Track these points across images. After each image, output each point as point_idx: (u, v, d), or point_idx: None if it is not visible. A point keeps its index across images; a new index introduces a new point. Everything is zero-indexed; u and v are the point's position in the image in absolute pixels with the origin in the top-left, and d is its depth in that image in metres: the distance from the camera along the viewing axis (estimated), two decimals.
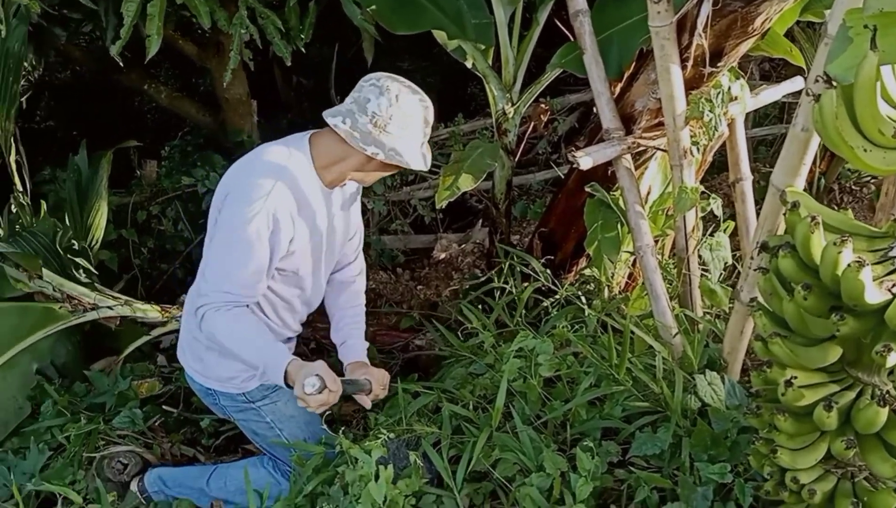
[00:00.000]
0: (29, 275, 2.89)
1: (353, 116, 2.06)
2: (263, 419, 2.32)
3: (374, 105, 2.05)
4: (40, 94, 7.92)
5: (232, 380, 2.27)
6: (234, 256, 2.05)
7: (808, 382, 1.50)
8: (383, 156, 2.07)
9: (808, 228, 1.36)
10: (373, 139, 2.06)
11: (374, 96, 2.05)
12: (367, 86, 2.09)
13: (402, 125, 2.07)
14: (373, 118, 2.05)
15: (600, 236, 2.61)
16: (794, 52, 2.58)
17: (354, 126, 2.05)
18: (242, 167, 2.13)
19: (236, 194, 2.07)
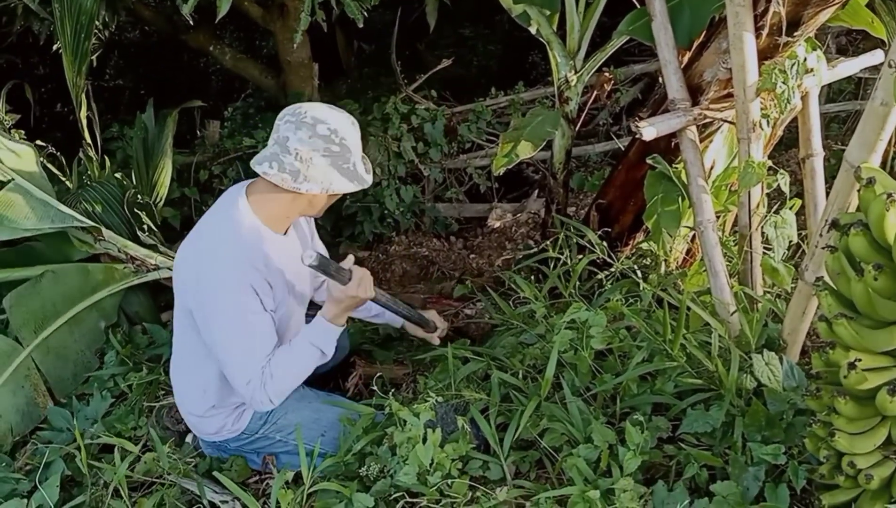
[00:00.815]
0: (94, 237, 2.99)
1: (278, 159, 2.01)
2: (274, 439, 2.34)
3: (294, 141, 2.00)
4: (110, 52, 8.13)
5: (223, 428, 2.31)
6: (242, 345, 2.06)
7: (872, 365, 1.46)
8: (319, 190, 2.04)
9: (883, 205, 1.30)
10: (304, 176, 2.02)
11: (292, 132, 2.00)
12: (283, 124, 2.03)
13: (328, 152, 2.02)
14: (297, 155, 2.00)
15: (660, 210, 2.55)
16: (875, 23, 2.45)
17: (282, 168, 2.00)
18: (200, 255, 2.08)
19: (207, 287, 2.03)
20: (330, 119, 2.03)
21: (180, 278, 2.14)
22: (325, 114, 2.03)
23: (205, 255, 2.07)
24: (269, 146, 2.05)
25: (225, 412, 2.30)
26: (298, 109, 2.03)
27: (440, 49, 7.62)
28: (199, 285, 2.05)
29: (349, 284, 2.10)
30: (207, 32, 5.79)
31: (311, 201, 2.14)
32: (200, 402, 2.28)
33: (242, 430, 2.33)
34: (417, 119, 5.24)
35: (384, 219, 5.06)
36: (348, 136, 2.06)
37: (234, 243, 2.06)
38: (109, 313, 2.97)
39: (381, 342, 3.04)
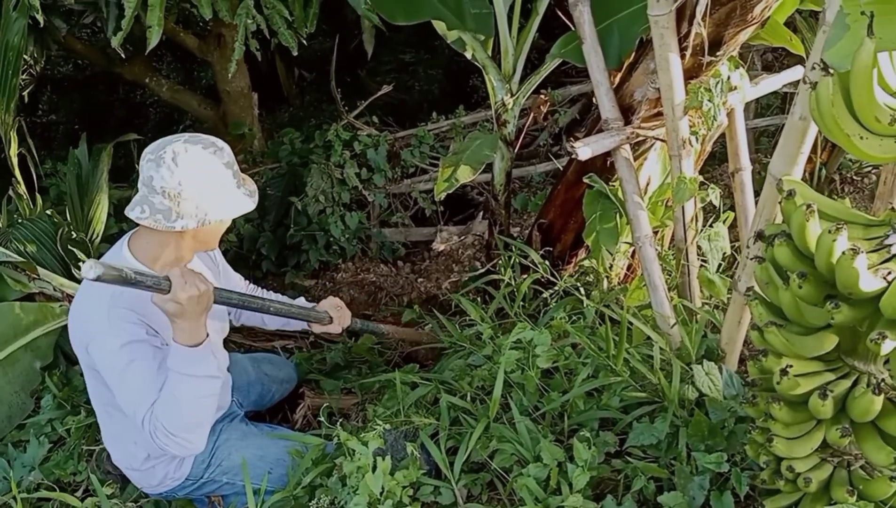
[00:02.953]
0: (28, 275, 2.90)
1: (147, 201, 1.93)
2: (221, 482, 2.28)
3: (158, 180, 1.90)
4: (43, 87, 7.95)
5: (165, 478, 2.24)
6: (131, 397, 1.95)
7: (803, 371, 1.50)
8: (196, 224, 1.95)
9: (803, 216, 1.35)
10: (177, 213, 1.93)
11: (154, 171, 1.90)
12: (145, 163, 1.93)
13: (196, 183, 1.92)
14: (164, 193, 1.91)
15: (599, 228, 2.60)
16: (794, 40, 2.56)
17: (153, 209, 1.92)
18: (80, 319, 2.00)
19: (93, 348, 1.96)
20: (190, 150, 1.93)
21: (76, 344, 2.05)
22: (184, 146, 1.93)
23: (76, 317, 2.01)
24: (139, 189, 1.96)
25: (164, 461, 2.22)
26: (158, 146, 1.94)
27: (381, 75, 7.67)
28: (83, 347, 1.99)
29: (172, 290, 1.82)
30: (143, 64, 5.71)
31: (195, 236, 2.04)
32: (135, 455, 2.21)
33: (186, 476, 2.26)
34: (360, 145, 5.24)
35: (330, 247, 5.02)
36: (211, 164, 1.96)
37: (95, 295, 1.96)
38: (45, 352, 2.86)
39: (329, 371, 3.01)
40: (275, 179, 5.21)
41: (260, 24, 3.54)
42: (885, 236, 1.37)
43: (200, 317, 1.91)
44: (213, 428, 2.30)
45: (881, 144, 1.32)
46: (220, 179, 1.97)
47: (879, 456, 1.48)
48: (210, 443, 2.27)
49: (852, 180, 4.57)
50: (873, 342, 1.29)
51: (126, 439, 2.20)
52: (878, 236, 1.39)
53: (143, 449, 2.19)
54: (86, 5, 3.98)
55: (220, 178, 1.97)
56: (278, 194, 5.07)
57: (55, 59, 7.75)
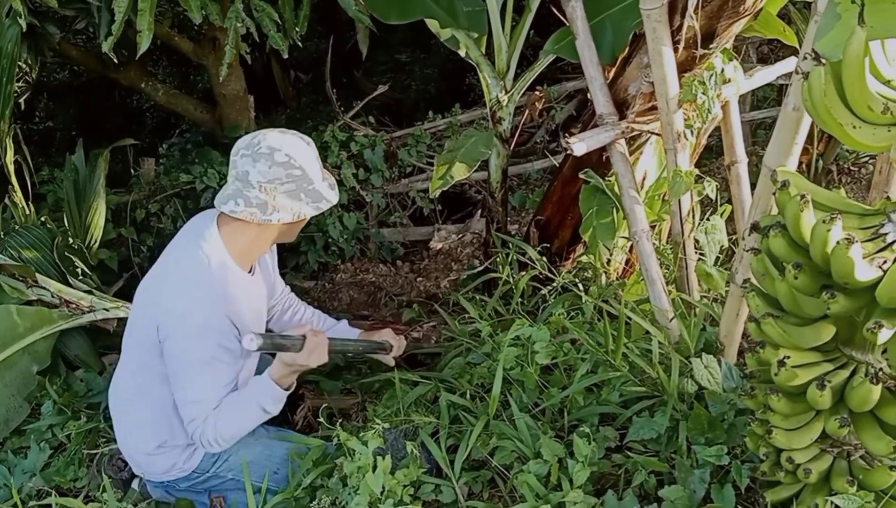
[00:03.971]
0: (26, 282, 2.90)
1: (242, 195, 2.01)
2: (226, 478, 2.29)
3: (255, 174, 1.98)
4: (39, 94, 7.94)
5: (173, 467, 2.26)
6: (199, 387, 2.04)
7: (801, 362, 1.50)
8: (291, 217, 2.04)
9: (797, 206, 1.35)
10: (273, 206, 2.01)
11: (251, 165, 1.99)
12: (239, 159, 2.01)
13: (292, 177, 2.01)
14: (261, 187, 1.99)
15: (595, 223, 2.60)
16: (787, 32, 2.56)
17: (248, 203, 2.00)
18: (171, 290, 2.04)
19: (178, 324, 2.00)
20: (285, 145, 2.01)
21: (147, 307, 2.09)
22: (279, 141, 2.01)
23: (176, 291, 2.04)
24: (229, 183, 2.04)
25: (176, 450, 2.24)
26: (253, 141, 2.02)
27: (377, 75, 7.66)
28: (169, 319, 2.02)
29: (301, 352, 2.04)
30: (138, 69, 5.70)
31: (280, 230, 2.13)
32: (150, 439, 2.22)
33: (194, 469, 2.27)
34: (357, 146, 5.24)
35: (328, 248, 5.02)
36: (305, 157, 2.05)
37: (205, 284, 2.03)
38: (42, 356, 2.86)
39: (329, 372, 3.00)
40: None
41: (250, 28, 3.54)
42: (880, 226, 1.37)
43: (299, 373, 2.12)
44: None
45: (874, 132, 1.32)
46: (313, 170, 2.06)
47: (879, 446, 1.48)
48: None
49: (849, 171, 4.57)
50: (870, 331, 1.29)
51: (146, 422, 2.22)
52: (873, 226, 1.38)
53: (163, 433, 2.21)
54: (78, 11, 3.98)
55: (312, 172, 2.06)
56: None
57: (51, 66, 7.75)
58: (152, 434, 2.22)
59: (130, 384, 2.26)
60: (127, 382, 2.27)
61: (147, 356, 2.14)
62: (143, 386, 2.21)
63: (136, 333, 2.17)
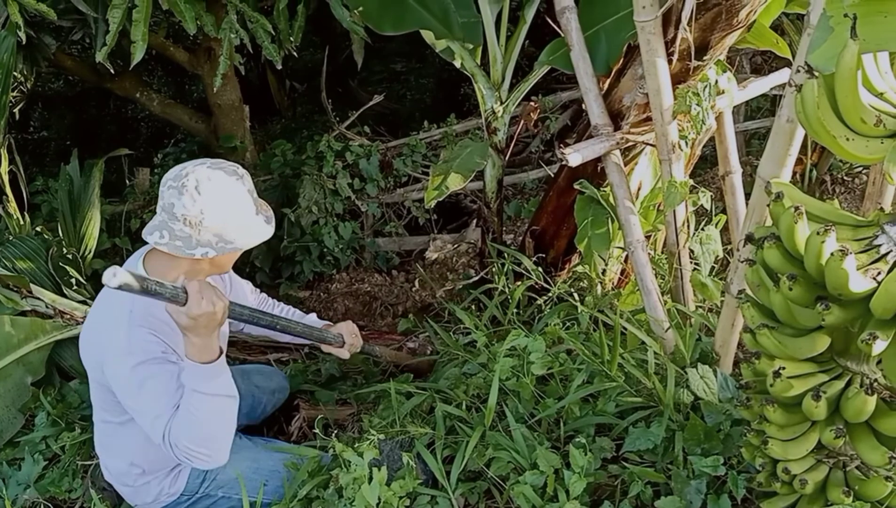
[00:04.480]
0: (20, 293, 2.89)
1: (167, 227, 1.92)
2: (217, 497, 2.27)
3: (179, 207, 1.90)
4: (34, 104, 7.95)
5: (160, 494, 2.23)
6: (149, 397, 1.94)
7: (796, 372, 1.50)
8: (215, 252, 1.95)
9: (791, 218, 1.35)
10: (197, 240, 1.93)
11: (177, 198, 1.90)
12: (166, 190, 1.92)
13: (218, 211, 1.92)
14: (185, 220, 1.91)
15: (590, 233, 2.60)
16: (780, 43, 2.57)
17: (173, 236, 1.92)
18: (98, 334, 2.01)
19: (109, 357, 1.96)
20: (213, 178, 1.92)
21: (88, 352, 2.06)
22: (206, 174, 1.92)
23: (99, 328, 2.01)
24: (157, 214, 1.96)
25: (159, 477, 2.21)
26: (181, 173, 1.93)
27: (373, 85, 7.69)
28: (102, 356, 1.98)
29: (188, 304, 1.79)
30: (134, 79, 5.71)
31: (212, 262, 2.03)
32: (129, 472, 2.20)
33: (181, 491, 2.24)
34: (352, 156, 5.25)
35: (324, 257, 5.02)
36: (240, 192, 1.97)
37: (126, 319, 1.95)
38: (36, 368, 2.84)
39: (324, 382, 3.00)
40: (267, 191, 5.21)
41: (244, 39, 3.54)
42: (874, 237, 1.37)
43: (213, 333, 1.88)
44: None
45: (867, 144, 1.33)
46: (241, 208, 1.97)
47: (874, 456, 1.48)
48: None
49: (843, 181, 4.59)
50: (864, 342, 1.29)
51: (123, 455, 2.19)
52: (867, 237, 1.39)
53: (140, 464, 2.18)
54: (74, 22, 3.98)
55: (241, 207, 1.97)
56: (271, 206, 5.05)
57: (46, 76, 7.76)
58: (131, 465, 2.19)
59: (102, 424, 2.23)
60: (99, 421, 2.24)
61: (102, 403, 2.13)
62: (109, 425, 2.19)
63: (91, 378, 2.14)
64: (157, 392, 1.93)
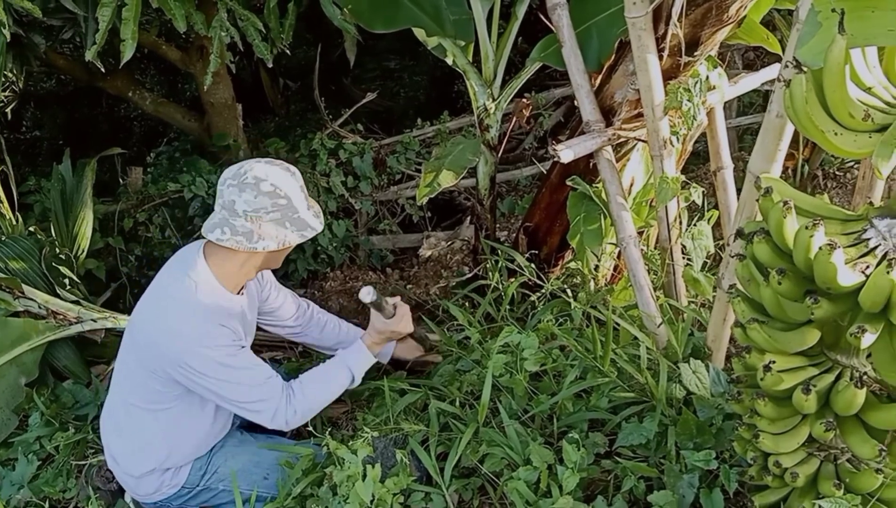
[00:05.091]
0: (13, 294, 2.88)
1: (228, 223, 2.05)
2: (217, 489, 2.31)
3: (241, 204, 2.03)
4: (26, 103, 7.91)
5: (162, 485, 2.27)
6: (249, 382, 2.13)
7: (786, 366, 1.51)
8: (276, 245, 2.08)
9: (780, 212, 1.36)
10: (258, 235, 2.06)
11: (237, 195, 2.03)
12: (226, 188, 2.06)
13: (277, 206, 2.05)
14: (246, 216, 2.04)
15: (583, 229, 2.61)
16: (770, 39, 2.58)
17: (234, 232, 2.05)
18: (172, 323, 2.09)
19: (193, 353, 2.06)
20: (271, 175, 2.05)
21: (151, 344, 2.11)
22: (265, 171, 2.05)
23: (176, 321, 2.08)
24: (216, 211, 2.08)
25: (160, 469, 2.24)
26: (239, 171, 2.05)
27: (366, 83, 7.68)
28: (179, 349, 2.06)
29: (393, 318, 2.37)
30: (126, 78, 5.68)
31: (266, 257, 2.16)
32: (142, 463, 2.22)
33: (182, 484, 2.27)
34: (345, 154, 5.24)
35: (318, 255, 5.01)
36: (290, 187, 2.08)
37: (197, 304, 2.08)
38: (30, 368, 2.84)
39: None
40: None
41: (234, 37, 3.53)
42: (863, 231, 1.38)
43: (388, 341, 2.47)
44: None
45: (856, 139, 1.33)
46: (297, 203, 2.09)
47: (864, 449, 1.49)
48: (206, 451, 2.30)
49: (835, 176, 4.60)
50: (853, 335, 1.30)
51: (140, 440, 2.23)
52: (856, 231, 1.40)
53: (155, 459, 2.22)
54: (64, 20, 3.96)
55: (297, 202, 2.09)
56: None
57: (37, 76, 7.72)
58: (146, 459, 2.23)
59: (125, 407, 2.26)
60: (122, 404, 2.27)
61: (147, 380, 2.15)
62: (137, 408, 2.22)
63: (130, 369, 2.21)
64: (253, 366, 2.15)
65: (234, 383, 2.11)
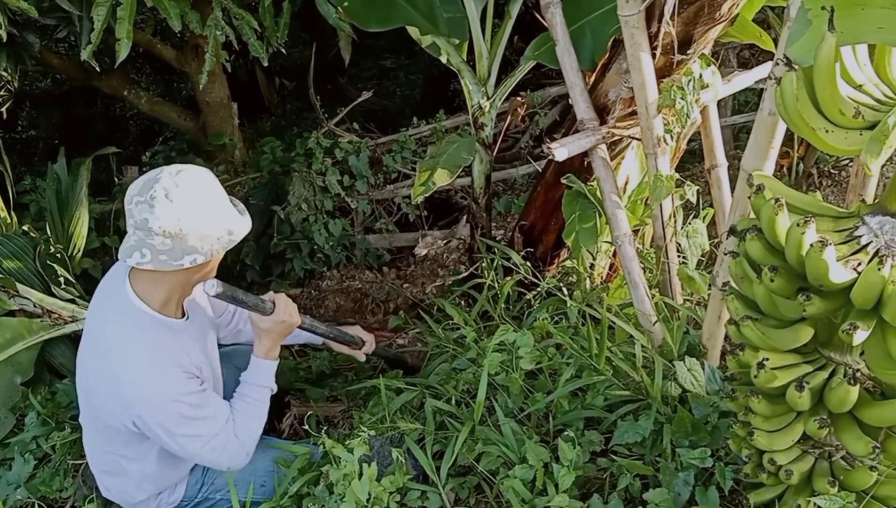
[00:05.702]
0: (8, 293, 2.88)
1: (146, 244, 1.82)
2: (215, 500, 2.28)
3: (154, 221, 1.80)
4: (21, 103, 7.90)
5: (161, 503, 2.23)
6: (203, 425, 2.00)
7: (780, 363, 1.51)
8: (203, 257, 1.88)
9: (772, 210, 1.36)
10: (182, 250, 1.85)
11: (149, 212, 1.80)
12: (135, 207, 1.82)
13: (194, 215, 1.84)
14: (164, 232, 1.81)
15: (578, 227, 2.61)
16: (763, 37, 2.58)
17: (155, 252, 1.83)
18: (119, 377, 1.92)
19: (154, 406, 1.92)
20: (181, 182, 1.85)
21: (110, 412, 1.99)
22: (173, 180, 1.84)
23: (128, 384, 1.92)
24: (129, 234, 1.86)
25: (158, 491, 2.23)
26: (144, 187, 1.83)
27: (362, 82, 7.68)
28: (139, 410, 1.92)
29: (276, 312, 2.13)
30: (121, 77, 5.68)
31: (198, 270, 1.96)
32: (133, 491, 2.19)
33: (181, 499, 2.25)
34: (341, 152, 5.24)
35: (314, 255, 5.02)
36: (205, 190, 1.90)
37: (143, 348, 1.93)
38: (26, 367, 2.83)
39: (315, 380, 3.00)
40: (257, 189, 5.20)
41: (230, 36, 3.52)
42: (855, 228, 1.38)
43: (282, 338, 2.21)
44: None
45: (846, 136, 1.34)
46: (217, 206, 1.91)
47: (858, 446, 1.49)
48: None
49: (830, 174, 4.61)
50: (845, 332, 1.30)
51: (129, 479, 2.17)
52: (848, 228, 1.40)
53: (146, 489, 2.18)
54: (59, 20, 3.96)
55: (217, 204, 1.91)
56: (260, 203, 5.06)
57: (33, 75, 7.72)
58: (137, 491, 2.19)
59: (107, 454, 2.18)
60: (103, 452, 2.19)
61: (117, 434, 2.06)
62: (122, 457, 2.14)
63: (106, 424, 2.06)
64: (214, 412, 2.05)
65: (193, 441, 1.99)
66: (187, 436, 1.99)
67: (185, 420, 1.96)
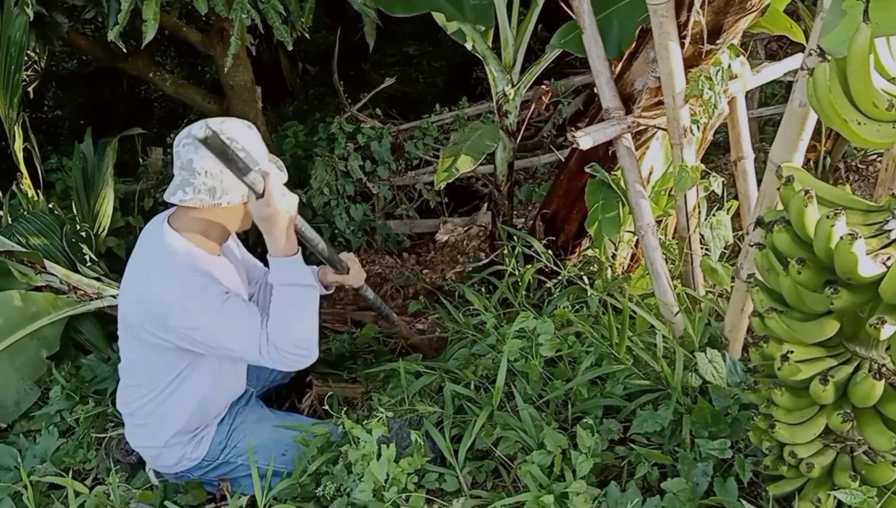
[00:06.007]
0: (35, 268, 2.92)
1: (189, 183, 1.99)
2: (236, 464, 2.32)
3: (198, 161, 1.97)
4: (48, 83, 7.97)
5: (182, 458, 2.28)
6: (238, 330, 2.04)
7: (804, 357, 1.51)
8: (240, 199, 2.03)
9: (801, 202, 1.35)
10: (221, 190, 2.01)
11: (194, 153, 1.98)
12: (182, 148, 2.00)
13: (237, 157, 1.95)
14: (206, 173, 1.98)
15: (601, 217, 2.60)
16: (794, 28, 2.55)
17: (196, 190, 1.99)
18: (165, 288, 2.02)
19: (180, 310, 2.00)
20: (226, 129, 2.00)
21: (139, 316, 2.08)
22: (219, 126, 1.99)
23: (162, 288, 2.02)
24: (176, 175, 2.03)
25: (182, 442, 2.27)
26: (192, 134, 1.99)
27: (385, 68, 7.67)
28: (171, 314, 2.01)
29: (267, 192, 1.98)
30: (147, 59, 5.71)
31: (235, 214, 2.11)
32: (161, 435, 2.24)
33: (203, 457, 2.30)
34: (364, 138, 5.25)
35: (335, 239, 5.04)
36: (248, 139, 2.04)
37: (180, 266, 2.04)
38: (51, 342, 2.89)
39: (334, 361, 3.03)
40: None
41: (255, 19, 3.52)
42: (885, 222, 1.37)
43: (290, 226, 2.08)
44: (230, 411, 2.37)
45: (879, 129, 1.33)
46: (257, 155, 2.04)
47: (881, 441, 1.49)
48: (226, 425, 2.33)
49: (857, 169, 4.56)
50: (872, 326, 1.30)
51: (158, 421, 2.24)
52: (877, 222, 1.39)
53: (172, 428, 2.23)
54: (87, 1, 3.99)
55: (256, 154, 2.04)
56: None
57: (60, 55, 7.78)
58: (163, 431, 2.24)
59: (143, 399, 2.25)
60: (133, 387, 2.28)
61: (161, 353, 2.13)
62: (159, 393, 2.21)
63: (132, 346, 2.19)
64: (237, 314, 2.05)
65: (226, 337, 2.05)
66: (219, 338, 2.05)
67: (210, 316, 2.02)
